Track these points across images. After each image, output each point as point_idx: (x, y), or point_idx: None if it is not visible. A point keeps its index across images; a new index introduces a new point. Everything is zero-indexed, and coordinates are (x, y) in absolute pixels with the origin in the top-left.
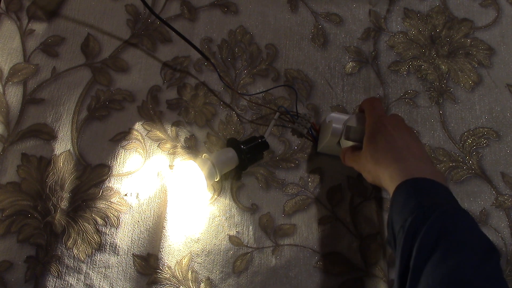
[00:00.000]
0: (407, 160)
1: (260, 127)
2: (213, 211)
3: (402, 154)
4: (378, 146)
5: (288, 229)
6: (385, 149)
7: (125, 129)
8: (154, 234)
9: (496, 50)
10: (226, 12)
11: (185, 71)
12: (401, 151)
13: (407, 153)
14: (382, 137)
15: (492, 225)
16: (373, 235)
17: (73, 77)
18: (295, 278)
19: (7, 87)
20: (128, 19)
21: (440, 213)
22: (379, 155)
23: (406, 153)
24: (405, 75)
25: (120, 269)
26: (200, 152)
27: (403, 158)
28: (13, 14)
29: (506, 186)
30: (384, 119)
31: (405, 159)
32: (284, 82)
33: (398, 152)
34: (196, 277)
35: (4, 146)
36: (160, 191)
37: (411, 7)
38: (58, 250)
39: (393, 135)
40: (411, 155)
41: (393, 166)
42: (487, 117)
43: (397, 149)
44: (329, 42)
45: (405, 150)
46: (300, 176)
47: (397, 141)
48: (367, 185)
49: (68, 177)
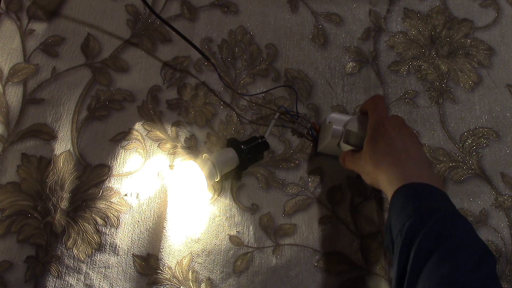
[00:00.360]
0: (406, 164)
1: (260, 127)
2: (213, 211)
3: (401, 158)
4: (378, 149)
5: (289, 229)
6: (384, 152)
7: (125, 129)
8: (154, 234)
9: (496, 50)
10: (226, 12)
11: (185, 71)
12: (400, 155)
13: (406, 157)
14: (382, 139)
15: (491, 225)
16: (373, 234)
17: (73, 77)
18: (295, 277)
19: (7, 87)
20: (128, 19)
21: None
22: (378, 158)
23: (405, 157)
24: (405, 75)
25: (120, 269)
26: (200, 152)
27: (402, 162)
28: (13, 14)
29: (506, 186)
30: (385, 120)
31: (404, 163)
32: (284, 82)
33: (397, 155)
34: (197, 277)
35: (4, 146)
36: (160, 191)
37: (411, 7)
38: (58, 250)
39: (393, 137)
40: (410, 159)
41: (392, 170)
42: (487, 117)
43: (396, 152)
44: (329, 42)
45: (405, 154)
46: (300, 176)
47: (396, 144)
48: (367, 185)
49: (68, 177)
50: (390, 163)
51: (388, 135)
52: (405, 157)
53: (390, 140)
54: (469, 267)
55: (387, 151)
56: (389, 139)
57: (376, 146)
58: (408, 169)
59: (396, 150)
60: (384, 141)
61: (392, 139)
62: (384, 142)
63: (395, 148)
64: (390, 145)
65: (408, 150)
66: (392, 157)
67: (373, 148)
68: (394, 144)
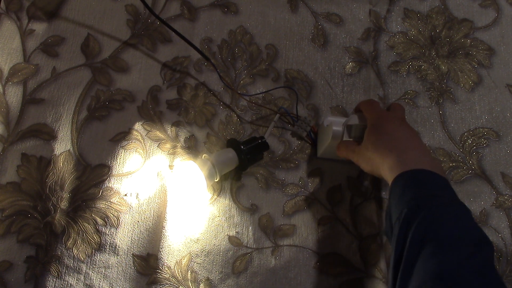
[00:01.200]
0: (407, 151)
1: (260, 127)
2: (212, 212)
3: (401, 145)
4: (379, 136)
5: (288, 230)
6: (385, 139)
7: (125, 129)
8: (154, 234)
9: (496, 50)
10: (226, 12)
11: (185, 71)
12: (401, 142)
13: (406, 144)
14: (383, 128)
15: (492, 225)
16: (373, 235)
17: (73, 77)
18: (294, 278)
19: (7, 87)
20: (128, 19)
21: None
22: (380, 144)
23: (406, 144)
24: (405, 75)
25: (120, 269)
26: (200, 152)
27: (403, 149)
28: (13, 14)
29: (506, 186)
30: (386, 113)
31: (405, 150)
32: (284, 82)
33: (398, 142)
34: (196, 277)
35: (4, 146)
36: (160, 191)
37: (411, 7)
38: (58, 250)
39: (394, 127)
40: (411, 146)
41: (393, 157)
42: (487, 117)
43: (397, 139)
44: (329, 42)
45: (405, 141)
46: (300, 176)
47: (397, 133)
48: (367, 185)
49: (68, 177)
50: (391, 149)
51: (389, 124)
52: (405, 144)
53: (391, 129)
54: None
55: (388, 138)
56: (390, 128)
57: (378, 133)
58: (409, 155)
59: (397, 137)
60: (385, 129)
61: (393, 128)
62: (385, 130)
63: (396, 136)
64: (391, 133)
65: (408, 138)
66: (393, 144)
67: (375, 135)
68: (395, 132)
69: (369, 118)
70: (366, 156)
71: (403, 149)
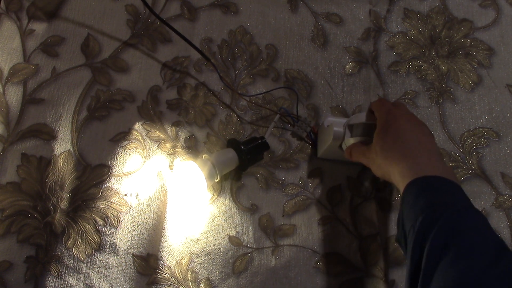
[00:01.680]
0: (418, 156)
1: (260, 128)
2: (213, 212)
3: (412, 150)
4: (389, 140)
5: (288, 230)
6: (396, 144)
7: (125, 129)
8: (154, 234)
9: (495, 50)
10: (226, 12)
11: (185, 71)
12: (412, 147)
13: (418, 148)
14: (393, 130)
15: (492, 225)
16: (373, 235)
17: (73, 77)
18: (294, 278)
19: (7, 87)
20: (128, 19)
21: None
22: (389, 150)
23: (417, 148)
24: (405, 75)
25: (120, 269)
26: (200, 152)
27: (414, 154)
28: (13, 14)
29: (506, 186)
30: (395, 111)
31: (416, 155)
32: (284, 82)
33: (408, 147)
34: (196, 277)
35: (4, 146)
36: (160, 191)
37: (411, 7)
38: (58, 250)
39: (405, 128)
40: (422, 151)
41: (404, 163)
42: (487, 117)
43: (407, 144)
44: (329, 42)
45: (416, 146)
46: (300, 176)
47: (408, 135)
48: (367, 185)
49: (68, 177)
50: (402, 154)
51: (399, 125)
52: (417, 148)
53: (402, 131)
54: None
55: (398, 142)
56: (400, 130)
57: (387, 137)
58: (420, 161)
59: (407, 141)
60: (395, 132)
61: (404, 130)
62: (395, 133)
63: (406, 139)
64: (402, 136)
65: (420, 141)
66: (403, 149)
67: (384, 139)
68: (405, 135)
69: (378, 117)
70: (376, 162)
71: (414, 153)
